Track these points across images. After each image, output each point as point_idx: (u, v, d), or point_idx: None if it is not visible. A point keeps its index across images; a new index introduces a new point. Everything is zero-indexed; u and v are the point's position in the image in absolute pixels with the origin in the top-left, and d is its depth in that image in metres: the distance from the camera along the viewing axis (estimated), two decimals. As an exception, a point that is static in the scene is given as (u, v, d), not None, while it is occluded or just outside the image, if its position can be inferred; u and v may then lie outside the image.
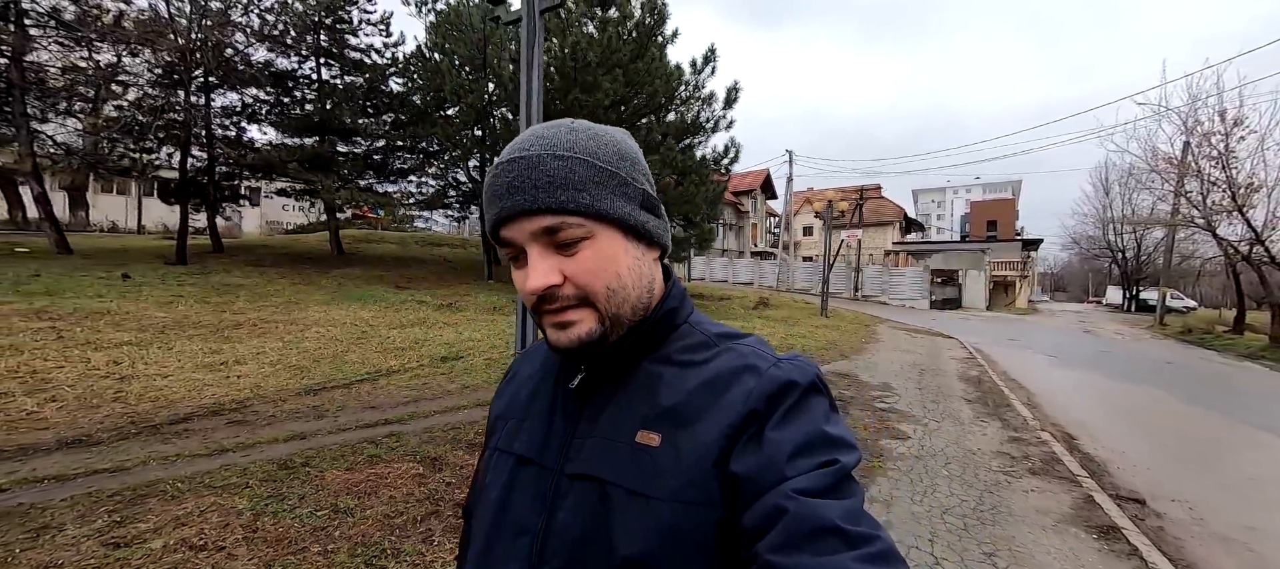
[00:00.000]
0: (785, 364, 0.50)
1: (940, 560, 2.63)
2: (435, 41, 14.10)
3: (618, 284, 0.50)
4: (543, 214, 0.48)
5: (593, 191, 0.49)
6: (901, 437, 4.63)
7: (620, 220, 0.50)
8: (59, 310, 6.89)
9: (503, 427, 0.60)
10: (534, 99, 3.73)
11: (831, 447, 0.44)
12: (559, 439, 0.53)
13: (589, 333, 0.49)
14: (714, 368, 0.51)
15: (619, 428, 0.50)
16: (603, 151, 0.51)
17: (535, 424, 0.56)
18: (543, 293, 0.48)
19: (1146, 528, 3.19)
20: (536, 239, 0.48)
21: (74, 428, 3.48)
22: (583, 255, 0.49)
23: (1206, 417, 6.34)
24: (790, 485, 0.41)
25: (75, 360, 4.90)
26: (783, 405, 0.47)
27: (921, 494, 3.42)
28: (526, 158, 0.49)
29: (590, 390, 0.54)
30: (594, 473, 0.49)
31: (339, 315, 8.33)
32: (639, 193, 0.52)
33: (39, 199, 12.06)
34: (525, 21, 3.77)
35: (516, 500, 0.52)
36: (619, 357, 0.53)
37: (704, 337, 0.55)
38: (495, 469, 0.57)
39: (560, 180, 0.48)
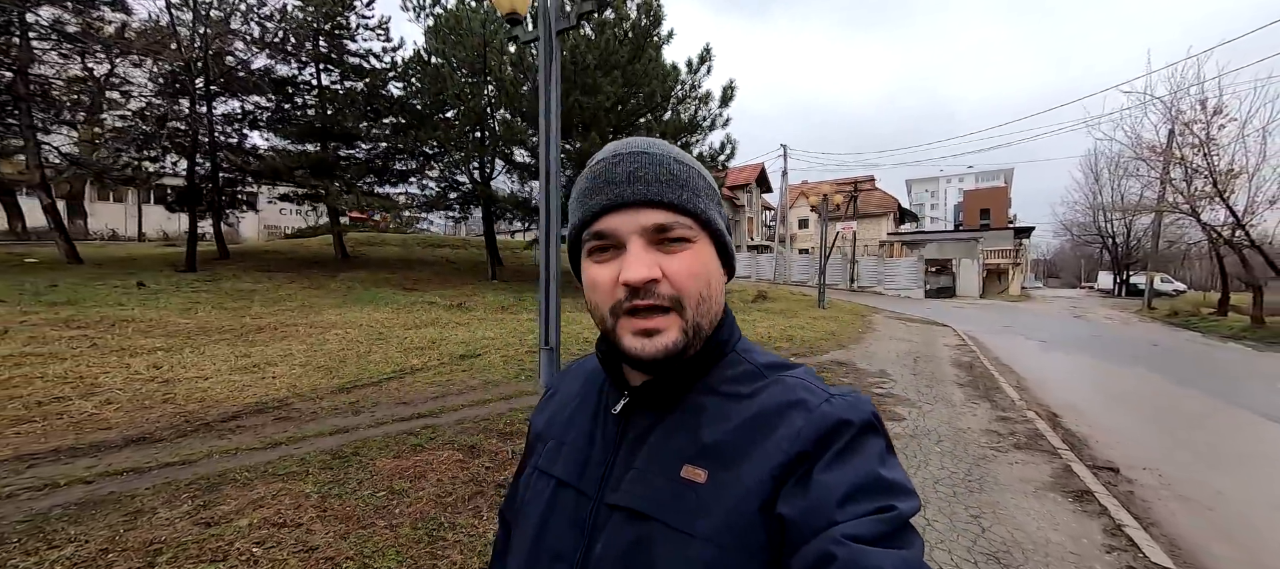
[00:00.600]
0: (837, 400, 0.48)
1: (932, 522, 2.97)
2: (434, 46, 14.29)
3: (707, 294, 0.50)
4: (660, 208, 0.48)
5: (706, 200, 0.51)
6: (897, 418, 4.97)
7: (719, 235, 0.52)
8: (86, 319, 7.13)
9: (542, 446, 0.59)
10: (553, 111, 4.01)
11: (887, 492, 0.42)
12: (599, 466, 0.52)
13: (674, 343, 0.47)
14: (761, 402, 0.49)
15: (662, 460, 0.49)
16: (705, 170, 0.53)
17: (574, 448, 0.55)
18: (641, 286, 0.46)
19: (1118, 492, 3.54)
20: (643, 233, 0.48)
21: (135, 427, 3.76)
22: (683, 257, 0.48)
23: (1185, 394, 6.72)
24: (840, 530, 0.39)
25: (116, 366, 5.17)
26: (834, 446, 0.45)
27: (915, 468, 3.76)
28: (648, 154, 0.50)
29: (633, 418, 0.53)
30: (636, 506, 0.48)
31: (354, 317, 8.60)
32: (726, 218, 0.54)
33: (48, 209, 12.23)
34: (542, 40, 4.05)
35: (555, 525, 0.52)
36: (666, 384, 0.52)
37: (752, 366, 0.53)
38: (535, 489, 0.56)
39: (681, 180, 0.49)
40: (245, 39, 13.90)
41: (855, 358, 8.09)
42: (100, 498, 2.78)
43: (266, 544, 2.42)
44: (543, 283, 4.05)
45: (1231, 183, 12.36)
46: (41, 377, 4.71)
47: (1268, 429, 5.30)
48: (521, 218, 16.62)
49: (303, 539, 2.47)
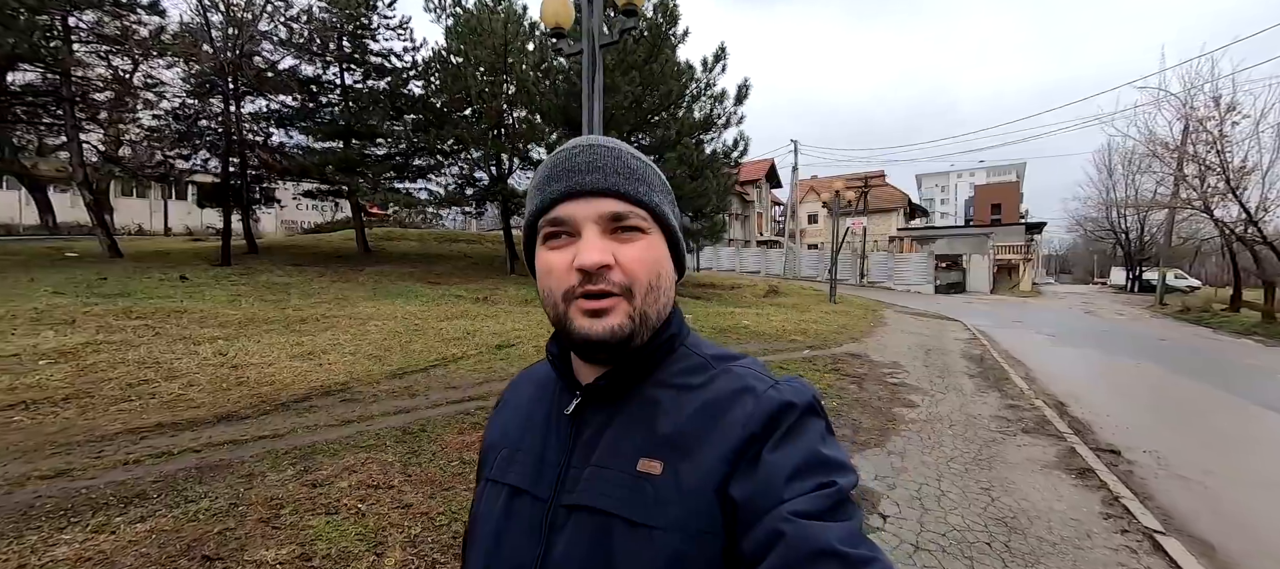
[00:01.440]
0: (783, 386, 0.50)
1: (946, 492, 3.30)
2: (454, 45, 14.63)
3: (657, 284, 0.51)
4: (615, 198, 0.50)
5: (660, 195, 0.53)
6: (911, 405, 5.29)
7: (671, 231, 0.54)
8: (143, 310, 7.60)
9: (495, 456, 0.59)
10: (597, 121, 4.34)
11: (829, 469, 0.44)
12: (553, 469, 0.52)
13: (620, 326, 0.48)
14: (712, 391, 0.51)
15: (618, 456, 0.50)
16: (660, 172, 0.56)
17: (528, 453, 0.55)
18: (594, 270, 0.47)
19: (1117, 471, 3.84)
20: (598, 221, 0.49)
21: (221, 407, 4.18)
22: (636, 246, 0.50)
23: (1188, 386, 6.96)
24: (788, 508, 0.41)
25: (185, 353, 5.61)
26: (780, 427, 0.47)
27: (929, 448, 4.09)
28: (606, 146, 0.52)
29: (586, 417, 0.53)
30: (593, 504, 0.48)
31: (388, 310, 9.03)
32: (679, 218, 0.56)
33: (91, 207, 12.77)
34: (586, 55, 4.38)
35: (511, 534, 0.52)
36: (619, 379, 0.52)
37: (701, 359, 0.55)
38: (488, 501, 0.56)
39: (638, 174, 0.52)
40: (273, 40, 14.34)
41: (868, 350, 8.39)
42: (213, 464, 3.18)
43: (368, 501, 2.80)
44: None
45: (1244, 180, 12.43)
46: (123, 361, 5.15)
47: (1262, 417, 5.55)
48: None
49: (397, 497, 2.86)
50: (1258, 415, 5.65)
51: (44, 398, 4.12)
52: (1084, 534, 2.87)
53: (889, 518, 2.96)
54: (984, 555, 2.62)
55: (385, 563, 2.30)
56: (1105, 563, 2.60)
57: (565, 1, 4.34)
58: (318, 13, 14.50)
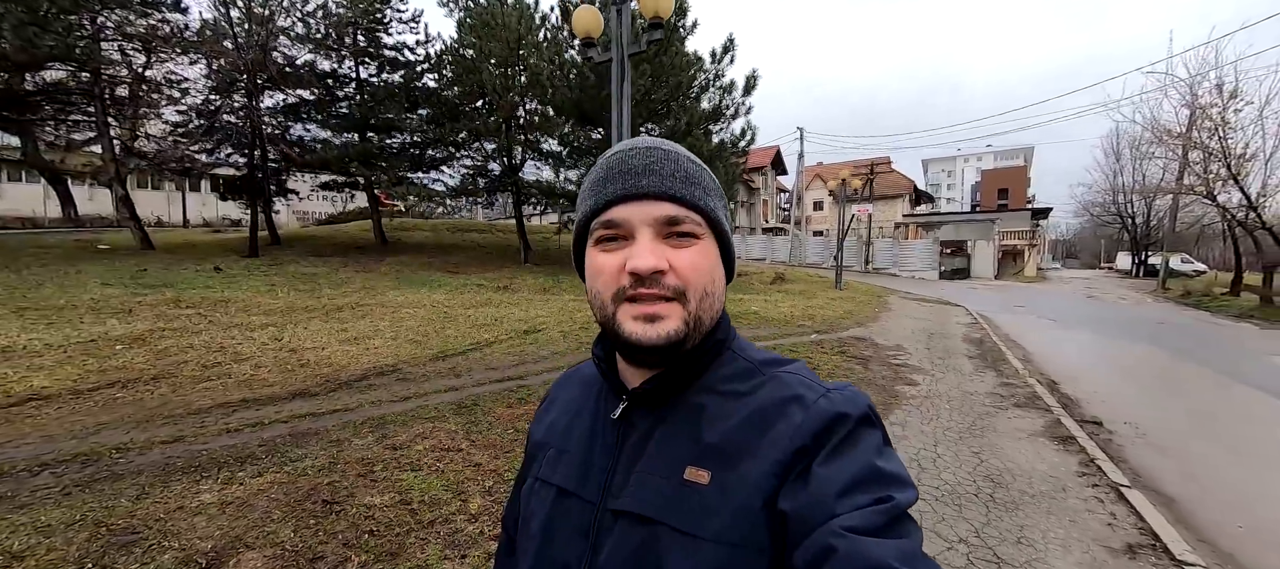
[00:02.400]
0: (835, 394, 0.49)
1: (941, 455, 3.74)
2: (466, 38, 14.91)
3: (711, 289, 0.51)
4: (672, 201, 0.49)
5: (715, 200, 0.53)
6: (913, 383, 5.72)
7: (724, 236, 0.53)
8: (190, 300, 8.11)
9: (542, 455, 0.59)
10: (625, 123, 4.72)
11: (884, 483, 0.43)
12: (600, 472, 0.53)
13: (675, 331, 0.48)
14: (760, 399, 0.50)
15: (664, 463, 0.49)
16: (713, 175, 0.55)
17: (575, 455, 0.56)
18: (648, 274, 0.47)
19: (1097, 439, 4.27)
20: (653, 224, 0.49)
21: (291, 385, 4.67)
22: (690, 251, 0.50)
23: (1176, 365, 7.36)
24: (840, 523, 0.40)
25: (242, 338, 6.10)
26: (832, 439, 0.45)
27: (928, 420, 4.53)
28: (663, 149, 0.51)
29: (632, 421, 0.53)
30: (640, 510, 0.48)
31: (416, 299, 9.51)
32: (731, 221, 0.56)
33: (122, 200, 13.28)
34: (614, 63, 4.74)
35: (559, 534, 0.52)
36: (666, 384, 0.52)
37: (748, 363, 0.54)
38: (537, 499, 0.57)
39: (694, 178, 0.51)
40: (290, 35, 14.66)
41: (873, 334, 8.81)
42: (301, 432, 3.67)
43: (443, 461, 3.28)
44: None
45: (1245, 166, 12.64)
46: (191, 346, 5.65)
47: (1242, 393, 5.95)
48: (549, 204, 17.37)
49: (467, 458, 3.33)
50: (1238, 392, 6.05)
51: (134, 378, 4.62)
52: (1059, 488, 3.31)
53: (890, 475, 3.41)
54: (971, 503, 3.07)
55: (470, 507, 2.77)
56: (1075, 510, 3.04)
57: (595, 14, 4.69)
58: (333, 7, 14.79)
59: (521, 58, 14.20)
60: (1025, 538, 2.72)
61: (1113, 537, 2.76)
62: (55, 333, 5.87)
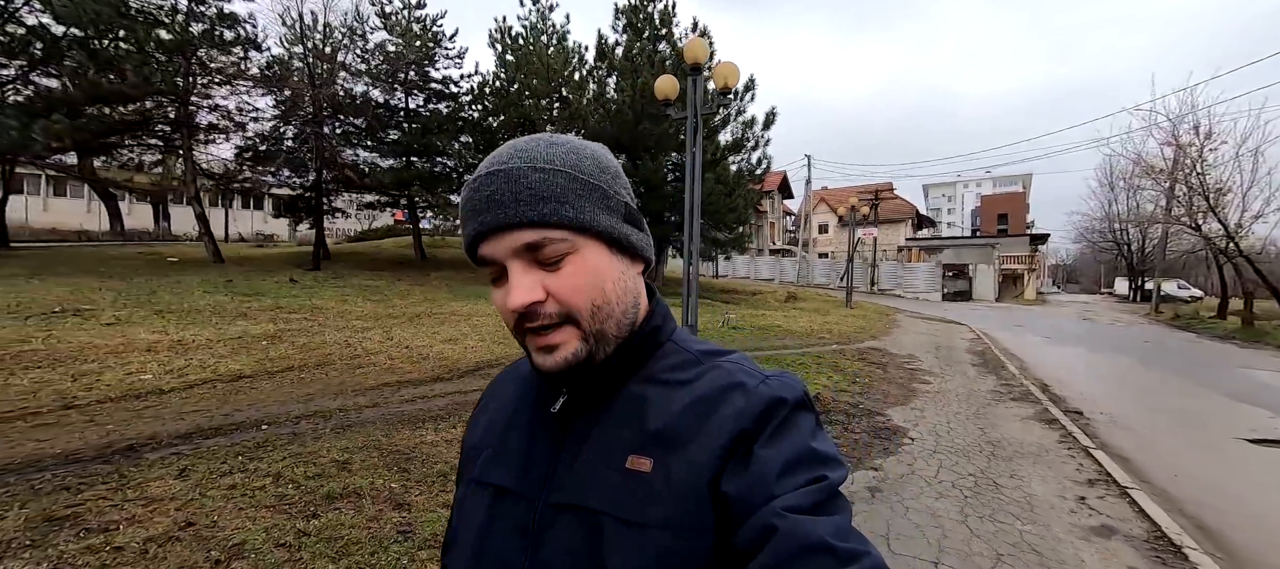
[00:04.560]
0: (773, 381, 0.50)
1: (953, 428, 4.83)
2: (512, 74, 16.39)
3: (602, 300, 0.49)
4: (524, 228, 0.47)
5: (575, 204, 0.48)
6: (926, 382, 6.82)
7: (604, 233, 0.50)
8: (289, 306, 9.27)
9: (477, 457, 0.58)
10: (698, 167, 5.89)
11: (820, 463, 0.45)
12: (541, 467, 0.52)
13: (575, 354, 0.48)
14: (702, 387, 0.50)
15: (607, 454, 0.49)
16: (583, 164, 0.50)
17: (514, 452, 0.54)
18: (525, 311, 0.46)
19: (1077, 423, 5.35)
20: (518, 255, 0.47)
21: (427, 372, 5.78)
22: (566, 271, 0.48)
23: (1153, 374, 8.43)
24: (779, 503, 0.41)
25: (359, 338, 7.23)
26: (772, 423, 0.47)
27: (941, 407, 5.62)
28: (505, 170, 0.48)
29: (573, 414, 0.53)
30: (582, 502, 0.48)
31: (478, 308, 10.66)
32: (621, 205, 0.52)
33: (200, 218, 14.55)
34: (689, 120, 5.95)
35: (496, 534, 0.51)
36: (604, 378, 0.52)
37: (690, 355, 0.54)
38: (472, 501, 0.55)
39: (542, 192, 0.47)
40: (351, 71, 16.16)
41: (886, 345, 9.92)
42: (461, 403, 4.77)
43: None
44: (686, 285, 6.02)
45: (1222, 200, 13.88)
46: (323, 343, 6.78)
47: (1203, 394, 7.03)
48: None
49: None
50: (1201, 393, 7.12)
51: (299, 366, 5.75)
52: (1043, 450, 4.40)
53: (915, 439, 4.50)
54: (977, 456, 4.15)
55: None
56: (1053, 461, 4.12)
57: (673, 82, 5.94)
58: (390, 48, 16.32)
59: (558, 91, 15.66)
60: (1016, 474, 3.80)
61: (1078, 475, 3.85)
62: (204, 332, 7.01)
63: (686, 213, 5.89)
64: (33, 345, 5.79)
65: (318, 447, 3.52)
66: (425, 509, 2.78)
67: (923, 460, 4.01)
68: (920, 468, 3.85)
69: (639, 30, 15.05)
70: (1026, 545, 2.80)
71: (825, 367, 7.26)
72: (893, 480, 3.61)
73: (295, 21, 15.03)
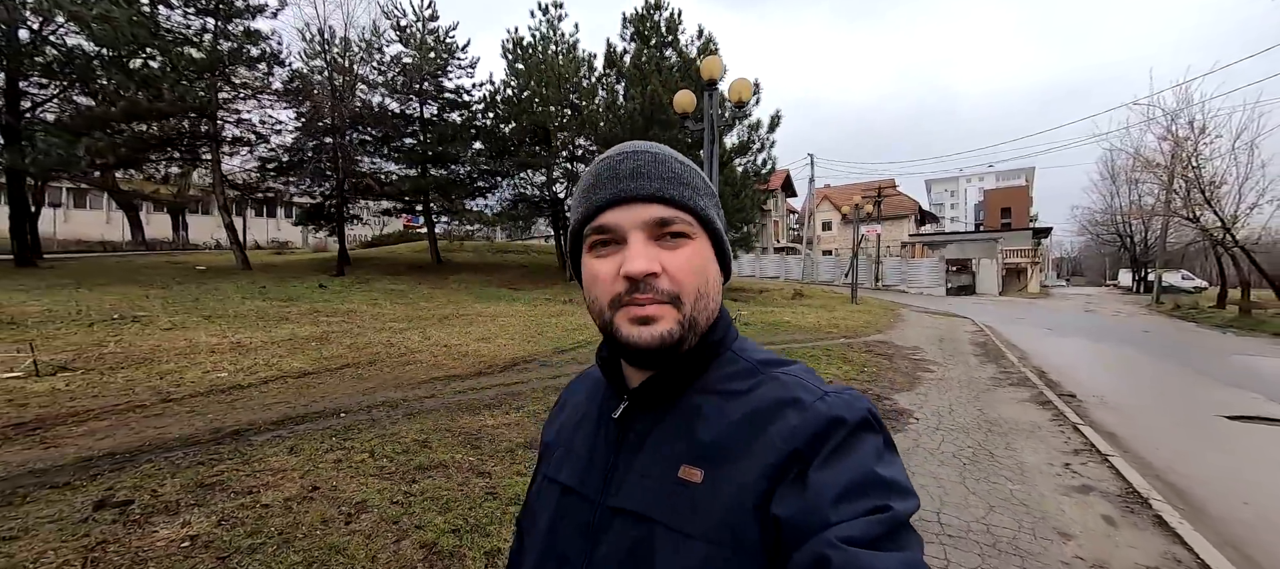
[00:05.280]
0: (832, 398, 0.49)
1: (954, 410, 5.31)
2: (525, 81, 16.92)
3: (706, 290, 0.51)
4: (661, 203, 0.50)
5: (705, 199, 0.53)
6: (930, 371, 7.28)
7: (717, 234, 0.54)
8: (326, 310, 9.82)
9: (551, 455, 0.61)
10: (714, 178, 6.39)
11: (883, 491, 0.42)
12: (600, 470, 0.54)
13: (669, 333, 0.49)
14: (756, 399, 0.50)
15: (661, 462, 0.50)
16: (700, 173, 0.56)
17: (579, 454, 0.57)
18: (640, 278, 0.48)
19: (1069, 404, 5.81)
20: (644, 227, 0.50)
21: (468, 368, 6.29)
22: (683, 252, 0.50)
23: (1145, 361, 8.86)
24: (835, 533, 0.40)
25: (399, 337, 7.75)
26: (829, 444, 0.45)
27: (944, 392, 6.09)
28: (649, 152, 0.52)
29: (633, 421, 0.54)
30: (635, 508, 0.49)
31: (500, 310, 11.18)
32: (723, 221, 0.57)
33: (228, 227, 15.15)
34: (706, 132, 6.44)
35: (562, 530, 0.54)
36: (664, 384, 0.53)
37: (748, 363, 0.54)
38: (544, 496, 0.59)
39: (683, 179, 0.52)
40: (368, 82, 16.74)
41: (892, 339, 10.37)
42: (504, 395, 5.28)
43: (618, 408, 4.88)
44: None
45: (1216, 193, 14.26)
46: (368, 344, 7.31)
47: (1192, 378, 7.46)
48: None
49: (634, 407, 4.94)
50: (1189, 377, 7.56)
51: (353, 363, 6.27)
52: (1036, 426, 4.87)
53: (920, 419, 4.98)
54: (976, 432, 4.63)
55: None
56: (1044, 436, 4.59)
57: (691, 97, 6.44)
58: (405, 60, 16.89)
59: (568, 98, 16.18)
60: (1010, 446, 4.28)
61: (1066, 446, 4.32)
62: (256, 334, 7.55)
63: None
64: (109, 348, 6.34)
65: (397, 429, 4.03)
66: (504, 476, 3.28)
67: (927, 436, 4.49)
68: (924, 442, 4.34)
69: (646, 38, 15.54)
70: (1015, 500, 3.28)
71: (835, 358, 7.73)
72: (900, 452, 4.08)
73: (314, 37, 15.64)
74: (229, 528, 2.58)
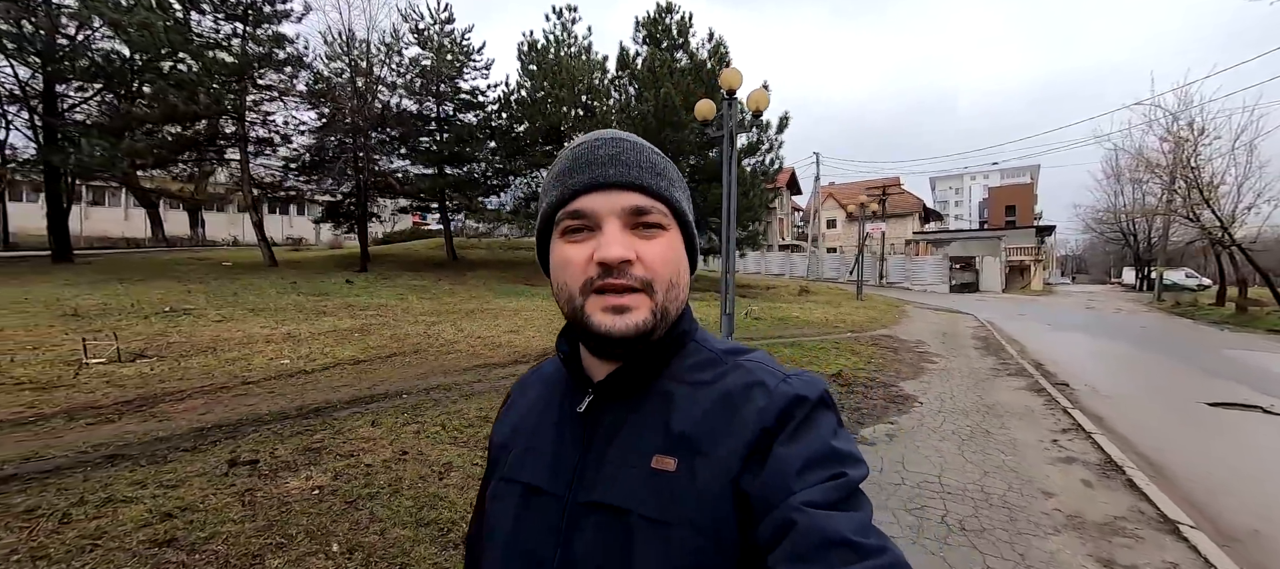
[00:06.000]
0: (794, 379, 0.51)
1: (955, 395, 5.79)
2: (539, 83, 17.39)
3: (677, 280, 0.52)
4: (637, 191, 0.50)
5: (680, 191, 0.54)
6: (934, 362, 7.76)
7: (688, 227, 0.55)
8: (359, 304, 10.35)
9: (506, 456, 0.59)
10: (732, 182, 6.85)
11: (839, 461, 0.46)
12: (569, 466, 0.53)
13: (643, 322, 0.49)
14: (724, 386, 0.52)
15: (634, 453, 0.51)
16: (677, 170, 0.56)
17: (543, 451, 0.56)
18: (616, 264, 0.48)
19: (1062, 392, 6.27)
20: (620, 215, 0.50)
21: (505, 356, 6.80)
22: (657, 242, 0.51)
23: (1142, 355, 9.30)
24: (799, 498, 0.42)
25: (433, 329, 8.27)
26: (792, 421, 0.48)
27: (946, 381, 6.56)
28: (628, 140, 0.52)
29: (599, 414, 0.54)
30: (610, 501, 0.49)
31: (521, 305, 11.69)
32: (693, 213, 0.56)
33: (257, 225, 15.72)
34: (726, 138, 6.90)
35: (527, 531, 0.53)
36: (631, 377, 0.53)
37: (712, 354, 0.56)
38: (502, 500, 0.57)
39: (660, 169, 0.52)
40: (386, 84, 17.24)
41: (897, 333, 10.84)
42: (546, 379, 5.79)
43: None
44: (723, 280, 7.02)
45: (1215, 193, 14.63)
46: (408, 334, 7.83)
47: (1182, 370, 7.91)
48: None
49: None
50: (1179, 369, 8.00)
51: (400, 351, 6.80)
52: (1030, 410, 5.34)
53: (924, 403, 5.46)
54: (974, 415, 5.10)
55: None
56: (1037, 418, 5.06)
57: (711, 105, 6.91)
58: (423, 62, 17.38)
59: (580, 98, 16.65)
60: (1005, 426, 4.76)
61: (1056, 426, 4.80)
62: (302, 327, 8.08)
63: (723, 220, 6.88)
64: (174, 339, 6.89)
65: (458, 407, 4.54)
66: (562, 445, 3.79)
67: (930, 417, 4.97)
68: (928, 422, 4.82)
69: (658, 41, 15.98)
70: (1007, 467, 3.77)
71: (844, 351, 8.20)
72: (906, 430, 4.58)
73: (335, 39, 16.15)
74: (346, 481, 3.09)
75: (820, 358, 7.42)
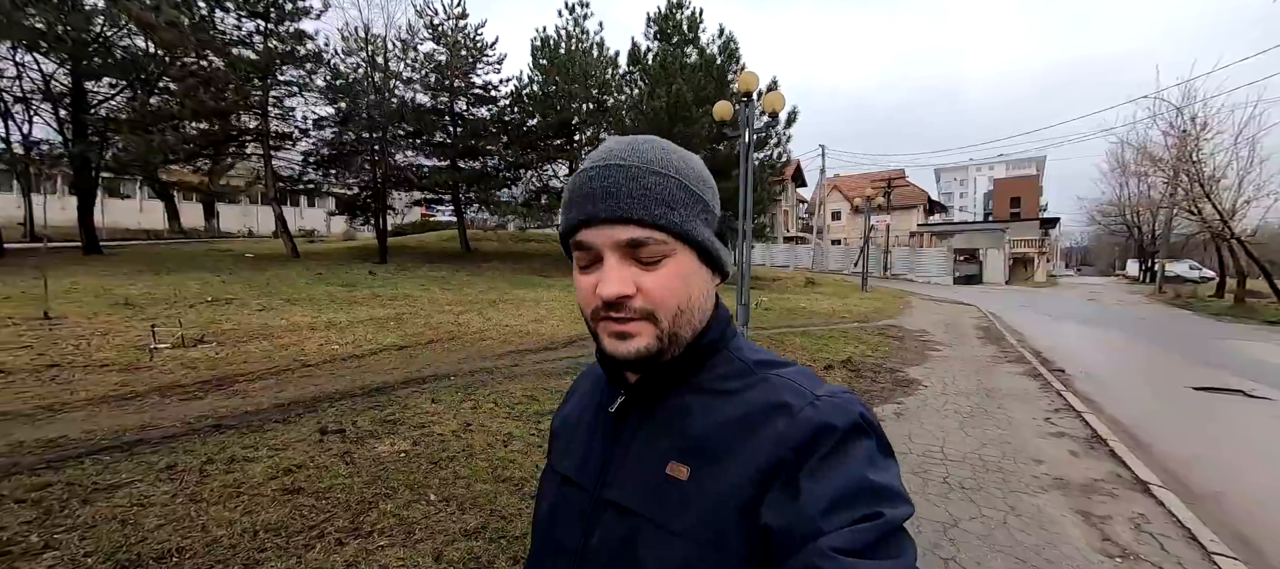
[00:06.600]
0: (824, 402, 0.48)
1: (957, 379, 6.22)
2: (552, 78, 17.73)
3: (686, 305, 0.51)
4: (632, 225, 0.49)
5: (682, 212, 0.51)
6: (937, 350, 8.19)
7: (700, 244, 0.52)
8: (386, 295, 10.83)
9: (556, 444, 0.64)
10: (749, 179, 7.24)
11: (876, 497, 0.42)
12: (596, 462, 0.56)
13: (647, 347, 0.49)
14: (747, 401, 0.51)
15: (650, 457, 0.52)
16: (691, 175, 0.53)
17: (579, 445, 0.59)
18: (615, 300, 0.48)
19: (1058, 377, 6.70)
20: (618, 249, 0.49)
21: (534, 343, 7.26)
22: (660, 272, 0.50)
23: (1133, 344, 9.71)
24: (826, 542, 0.40)
25: (461, 319, 8.73)
26: (818, 452, 0.45)
27: (949, 366, 7.00)
28: (624, 167, 0.50)
29: (628, 415, 0.56)
30: (624, 502, 0.51)
31: (540, 295, 12.15)
32: (715, 218, 0.55)
33: (279, 218, 16.20)
34: (743, 137, 7.28)
35: (561, 518, 0.57)
36: (657, 382, 0.54)
37: (742, 364, 0.55)
38: (546, 484, 0.62)
39: (657, 195, 0.50)
40: (402, 80, 17.60)
41: (902, 323, 11.26)
42: (579, 364, 6.23)
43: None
44: (740, 273, 7.45)
45: (1215, 187, 14.91)
46: (441, 323, 8.30)
47: (1175, 358, 8.32)
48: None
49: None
50: (1172, 358, 8.41)
51: (438, 339, 7.26)
52: (1026, 393, 5.78)
53: (928, 387, 5.90)
54: (974, 396, 5.54)
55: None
56: (1032, 400, 5.50)
57: (729, 106, 7.29)
58: (438, 57, 17.72)
59: (591, 93, 16.99)
60: (1002, 406, 5.20)
61: (1050, 407, 5.23)
62: (339, 316, 8.55)
63: (740, 217, 7.29)
64: (226, 326, 7.37)
65: (506, 388, 5.00)
66: (605, 419, 4.25)
67: (933, 399, 5.41)
68: (931, 403, 5.26)
69: (668, 36, 16.27)
70: (1002, 440, 4.21)
71: (851, 340, 8.64)
72: (911, 410, 5.03)
73: (352, 35, 16.50)
74: (424, 448, 3.56)
75: (829, 346, 7.86)
